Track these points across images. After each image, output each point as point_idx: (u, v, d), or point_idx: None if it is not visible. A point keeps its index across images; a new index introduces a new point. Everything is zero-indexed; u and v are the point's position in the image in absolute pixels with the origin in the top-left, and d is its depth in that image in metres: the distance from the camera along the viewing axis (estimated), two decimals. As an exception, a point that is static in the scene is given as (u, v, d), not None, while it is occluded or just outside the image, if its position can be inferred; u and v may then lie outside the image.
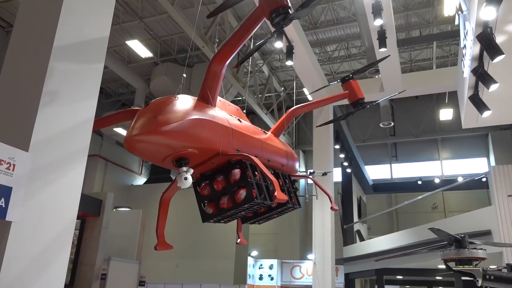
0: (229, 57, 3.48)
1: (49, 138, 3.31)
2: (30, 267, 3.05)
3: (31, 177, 3.13)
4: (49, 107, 3.34)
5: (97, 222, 10.18)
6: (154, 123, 3.14)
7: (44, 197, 3.23)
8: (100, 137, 18.42)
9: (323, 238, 11.72)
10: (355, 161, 17.74)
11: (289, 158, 4.58)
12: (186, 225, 15.34)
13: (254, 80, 15.57)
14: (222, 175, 3.71)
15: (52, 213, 3.28)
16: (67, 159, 3.45)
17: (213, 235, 15.56)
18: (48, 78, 3.34)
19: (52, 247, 3.24)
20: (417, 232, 12.38)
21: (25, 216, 3.07)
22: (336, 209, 4.94)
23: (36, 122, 3.20)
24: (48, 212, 3.24)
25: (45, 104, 3.30)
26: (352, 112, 5.42)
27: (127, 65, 16.23)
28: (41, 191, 3.21)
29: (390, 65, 10.92)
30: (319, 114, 12.80)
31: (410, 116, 20.35)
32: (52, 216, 3.27)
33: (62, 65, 3.48)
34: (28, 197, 3.10)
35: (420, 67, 17.08)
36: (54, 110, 3.38)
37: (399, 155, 21.09)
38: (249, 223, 4.47)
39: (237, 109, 4.41)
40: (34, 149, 3.18)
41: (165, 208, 3.92)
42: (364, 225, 19.67)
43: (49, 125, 3.32)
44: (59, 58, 3.45)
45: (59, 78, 3.45)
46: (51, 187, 3.29)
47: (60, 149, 3.40)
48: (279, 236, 20.00)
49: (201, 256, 15.72)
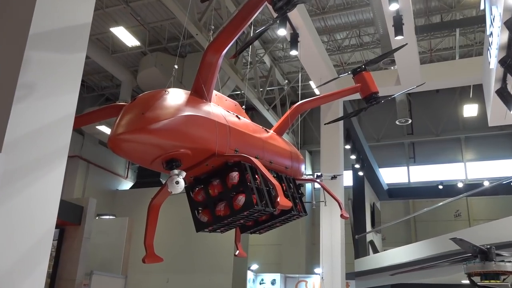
0: (226, 46, 3.48)
1: (24, 136, 3.31)
2: (1, 282, 3.05)
3: (4, 181, 3.14)
4: (24, 102, 3.34)
5: (78, 232, 10.18)
6: (141, 120, 3.15)
7: (18, 203, 3.23)
8: (81, 136, 18.43)
9: (331, 250, 11.71)
10: (368, 163, 17.73)
11: (293, 159, 4.58)
12: (178, 235, 15.33)
13: (254, 72, 15.57)
14: (218, 179, 3.71)
15: (27, 222, 3.28)
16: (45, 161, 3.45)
17: (209, 246, 15.56)
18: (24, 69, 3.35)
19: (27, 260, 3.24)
20: (437, 243, 12.37)
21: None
22: (347, 217, 4.95)
23: (10, 119, 3.21)
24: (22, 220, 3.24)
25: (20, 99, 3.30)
26: (365, 108, 5.42)
27: (112, 55, 16.24)
28: (14, 197, 3.21)
29: (408, 55, 10.92)
30: (328, 110, 12.80)
31: (430, 113, 20.35)
32: (27, 225, 3.28)
33: (39, 54, 3.49)
34: (0, 203, 3.10)
35: (441, 57, 17.07)
36: (30, 105, 3.39)
37: (417, 156, 21.08)
38: (248, 232, 4.48)
39: (235, 105, 4.41)
40: (7, 149, 3.18)
41: (154, 216, 3.93)
42: (378, 235, 19.67)
43: (25, 122, 3.33)
44: (35, 47, 3.45)
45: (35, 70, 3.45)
46: (26, 192, 3.29)
47: (37, 149, 3.40)
48: (282, 248, 20.00)
49: (194, 269, 15.72)
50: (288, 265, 19.27)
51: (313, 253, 19.45)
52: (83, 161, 18.53)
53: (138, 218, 13.19)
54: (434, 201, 17.26)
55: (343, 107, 13.28)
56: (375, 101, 5.12)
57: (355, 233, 17.23)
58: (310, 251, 19.88)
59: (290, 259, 19.50)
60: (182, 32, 15.17)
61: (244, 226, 4.29)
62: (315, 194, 18.71)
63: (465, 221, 19.40)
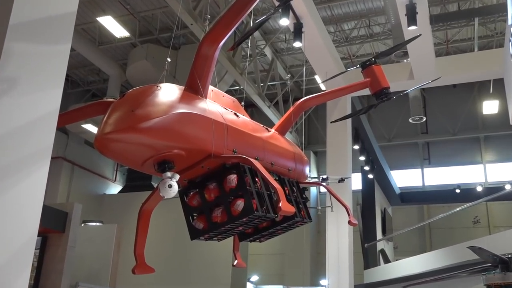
0: (224, 37, 3.49)
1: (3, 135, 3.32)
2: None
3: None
4: (4, 98, 3.35)
5: (62, 240, 10.19)
6: (131, 118, 3.15)
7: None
8: (65, 135, 18.44)
9: (338, 260, 11.71)
10: (379, 165, 17.75)
11: (297, 161, 4.59)
12: (171, 243, 15.34)
13: (254, 65, 15.58)
14: (214, 182, 3.72)
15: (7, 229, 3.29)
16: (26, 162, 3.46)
17: (204, 256, 15.57)
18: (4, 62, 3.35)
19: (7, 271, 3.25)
20: (454, 252, 12.37)
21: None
22: (355, 223, 4.95)
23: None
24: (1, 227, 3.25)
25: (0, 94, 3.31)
26: (375, 105, 5.43)
27: (99, 47, 16.26)
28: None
29: (422, 47, 10.92)
30: (334, 107, 12.80)
31: (446, 110, 20.36)
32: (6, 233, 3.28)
33: (20, 46, 3.49)
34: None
35: (458, 49, 17.08)
36: (9, 101, 3.39)
37: (432, 158, 21.09)
38: (248, 240, 4.48)
39: (234, 101, 4.42)
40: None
41: (145, 222, 3.93)
42: (390, 243, 19.68)
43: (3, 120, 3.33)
44: (16, 38, 3.46)
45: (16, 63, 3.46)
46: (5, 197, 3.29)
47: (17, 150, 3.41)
48: (285, 257, 20.01)
49: (189, 281, 15.72)
50: (291, 276, 19.28)
51: (318, 263, 19.45)
52: (67, 163, 18.55)
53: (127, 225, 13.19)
54: (450, 207, 17.27)
55: (351, 104, 13.29)
56: (386, 97, 5.12)
57: (365, 241, 17.23)
58: (315, 261, 19.88)
59: (293, 269, 19.50)
60: (175, 22, 15.18)
61: (243, 233, 4.29)
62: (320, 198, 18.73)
63: (484, 228, 19.41)
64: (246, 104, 4.92)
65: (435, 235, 20.15)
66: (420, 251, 17.38)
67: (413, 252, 17.38)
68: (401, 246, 20.31)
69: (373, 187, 18.08)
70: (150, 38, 16.03)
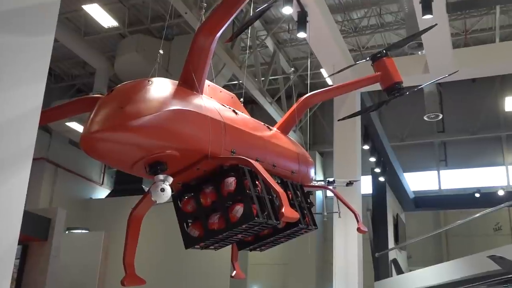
0: (221, 27, 3.50)
1: (-20, 135, 3.33)
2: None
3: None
4: (-20, 95, 3.35)
5: (44, 249, 10.20)
6: (120, 116, 3.16)
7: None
8: (48, 134, 18.45)
9: (347, 270, 11.72)
10: (391, 166, 17.74)
11: (301, 162, 4.60)
12: (164, 252, 15.35)
13: (254, 58, 15.59)
14: (211, 186, 3.73)
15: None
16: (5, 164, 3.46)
17: (200, 266, 15.58)
18: (-20, 55, 3.36)
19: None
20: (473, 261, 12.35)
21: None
22: (365, 231, 4.96)
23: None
24: (-21, 234, 3.26)
25: (-24, 91, 3.32)
26: (386, 101, 5.44)
27: (85, 37, 16.26)
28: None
29: (438, 38, 10.93)
30: (342, 104, 12.81)
31: (465, 106, 20.35)
32: (-16, 240, 3.29)
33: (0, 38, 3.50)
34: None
35: (478, 40, 17.07)
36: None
37: (449, 159, 21.09)
38: (247, 249, 4.50)
39: (232, 97, 4.43)
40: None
41: (135, 229, 3.94)
42: (403, 252, 19.67)
43: (-19, 118, 3.34)
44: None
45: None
46: (-16, 202, 3.30)
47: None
48: (288, 268, 20.01)
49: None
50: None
51: (324, 274, 19.44)
52: (50, 165, 18.54)
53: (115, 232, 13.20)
54: (469, 212, 17.23)
55: (360, 100, 13.29)
56: (399, 92, 5.14)
57: (375, 251, 17.22)
58: (321, 272, 19.87)
59: (297, 281, 19.50)
60: (168, 11, 15.18)
61: (243, 242, 4.30)
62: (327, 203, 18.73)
63: (507, 236, 19.40)
64: (245, 101, 4.93)
65: (452, 244, 20.15)
66: (436, 261, 17.35)
67: (428, 262, 17.35)
68: (415, 256, 20.30)
69: (385, 191, 18.06)
70: (141, 28, 16.03)
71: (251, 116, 4.51)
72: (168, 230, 11.91)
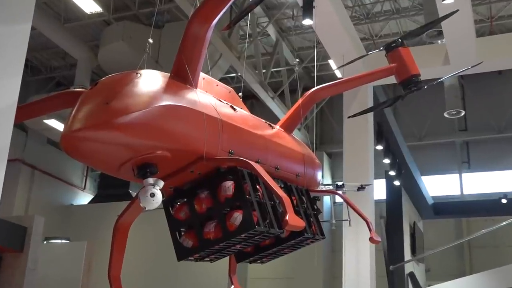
0: (218, 13, 3.51)
1: (-51, 134, 3.34)
2: None
3: None
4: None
5: (20, 261, 10.20)
6: (105, 113, 3.17)
7: None
8: (23, 133, 18.45)
9: (358, 285, 11.73)
10: (407, 169, 17.74)
11: (307, 164, 4.61)
12: (153, 264, 15.35)
13: (254, 47, 15.59)
14: (207, 190, 3.73)
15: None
16: (-23, 166, 3.47)
17: (194, 280, 15.59)
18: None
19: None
20: (499, 275, 12.37)
21: None
22: (378, 241, 4.97)
23: None
24: None
25: None
26: (402, 96, 5.45)
27: (65, 24, 16.26)
28: None
29: (460, 25, 10.93)
30: (353, 99, 12.81)
31: (490, 101, 20.34)
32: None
33: (-31, 25, 3.51)
34: None
35: (504, 27, 17.06)
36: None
37: (473, 160, 21.07)
38: (247, 261, 4.50)
39: (230, 92, 4.43)
40: None
41: (122, 239, 3.95)
42: (421, 264, 19.68)
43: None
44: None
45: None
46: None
47: (-34, 151, 3.42)
48: (292, 282, 20.00)
49: (175, 311, 15.75)
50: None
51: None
52: (26, 167, 18.54)
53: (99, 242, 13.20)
54: (495, 220, 17.24)
55: (373, 95, 13.30)
56: (416, 86, 5.15)
57: (390, 263, 17.22)
58: (329, 287, 19.87)
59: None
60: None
61: (241, 253, 4.30)
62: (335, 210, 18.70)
63: (536, 247, 19.39)
64: (245, 95, 4.94)
65: (476, 255, 20.14)
66: (458, 275, 17.36)
67: (449, 275, 17.36)
68: (435, 269, 20.30)
69: (400, 197, 18.05)
70: (128, 14, 16.03)
71: (251, 112, 4.52)
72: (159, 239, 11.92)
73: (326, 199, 18.24)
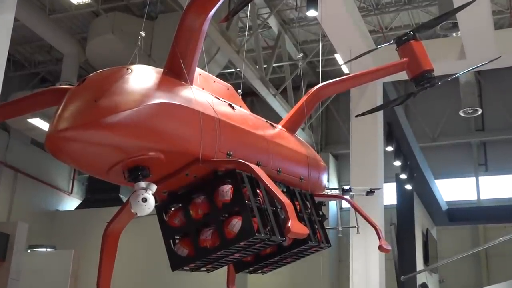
0: (215, 3, 3.51)
1: None
2: None
3: None
4: None
5: (2, 271, 10.20)
6: (94, 111, 3.17)
7: None
8: (5, 133, 18.46)
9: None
10: (419, 172, 17.75)
11: (311, 167, 4.61)
12: (145, 274, 15.36)
13: (255, 41, 15.59)
14: (203, 195, 3.73)
15: None
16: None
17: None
18: None
19: None
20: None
21: None
22: (388, 249, 4.97)
23: None
24: None
25: None
26: (414, 93, 5.44)
27: (50, 16, 16.27)
28: None
29: (476, 16, 10.93)
30: (361, 97, 12.82)
31: (509, 100, 20.35)
32: None
33: None
34: None
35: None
36: None
37: (490, 163, 21.07)
38: (247, 271, 4.50)
39: (228, 89, 4.44)
40: None
41: (112, 247, 3.95)
42: (434, 275, 19.69)
43: None
44: None
45: None
46: None
47: None
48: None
49: (169, 325, 15.74)
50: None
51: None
52: (8, 169, 18.55)
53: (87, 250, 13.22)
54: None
55: (382, 92, 13.30)
56: (429, 82, 5.15)
57: (401, 273, 17.23)
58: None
59: (306, 310, 19.50)
60: (151, -16, 15.21)
61: (240, 262, 4.30)
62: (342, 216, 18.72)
63: (559, 256, 19.39)
64: (244, 92, 4.94)
65: (494, 264, 20.13)
66: (474, 285, 17.38)
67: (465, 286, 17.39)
68: (449, 279, 20.30)
69: (412, 202, 18.05)
70: (118, 4, 16.05)
71: (251, 111, 4.52)
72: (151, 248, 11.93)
73: (332, 204, 18.27)
